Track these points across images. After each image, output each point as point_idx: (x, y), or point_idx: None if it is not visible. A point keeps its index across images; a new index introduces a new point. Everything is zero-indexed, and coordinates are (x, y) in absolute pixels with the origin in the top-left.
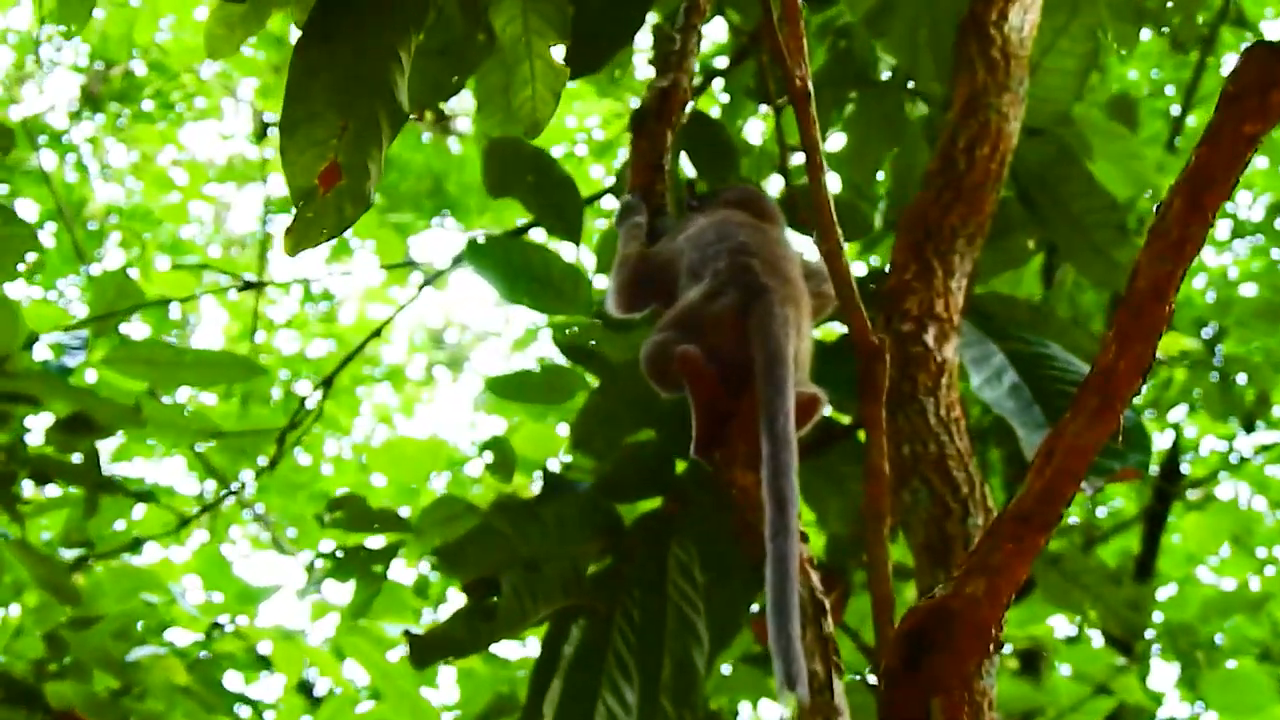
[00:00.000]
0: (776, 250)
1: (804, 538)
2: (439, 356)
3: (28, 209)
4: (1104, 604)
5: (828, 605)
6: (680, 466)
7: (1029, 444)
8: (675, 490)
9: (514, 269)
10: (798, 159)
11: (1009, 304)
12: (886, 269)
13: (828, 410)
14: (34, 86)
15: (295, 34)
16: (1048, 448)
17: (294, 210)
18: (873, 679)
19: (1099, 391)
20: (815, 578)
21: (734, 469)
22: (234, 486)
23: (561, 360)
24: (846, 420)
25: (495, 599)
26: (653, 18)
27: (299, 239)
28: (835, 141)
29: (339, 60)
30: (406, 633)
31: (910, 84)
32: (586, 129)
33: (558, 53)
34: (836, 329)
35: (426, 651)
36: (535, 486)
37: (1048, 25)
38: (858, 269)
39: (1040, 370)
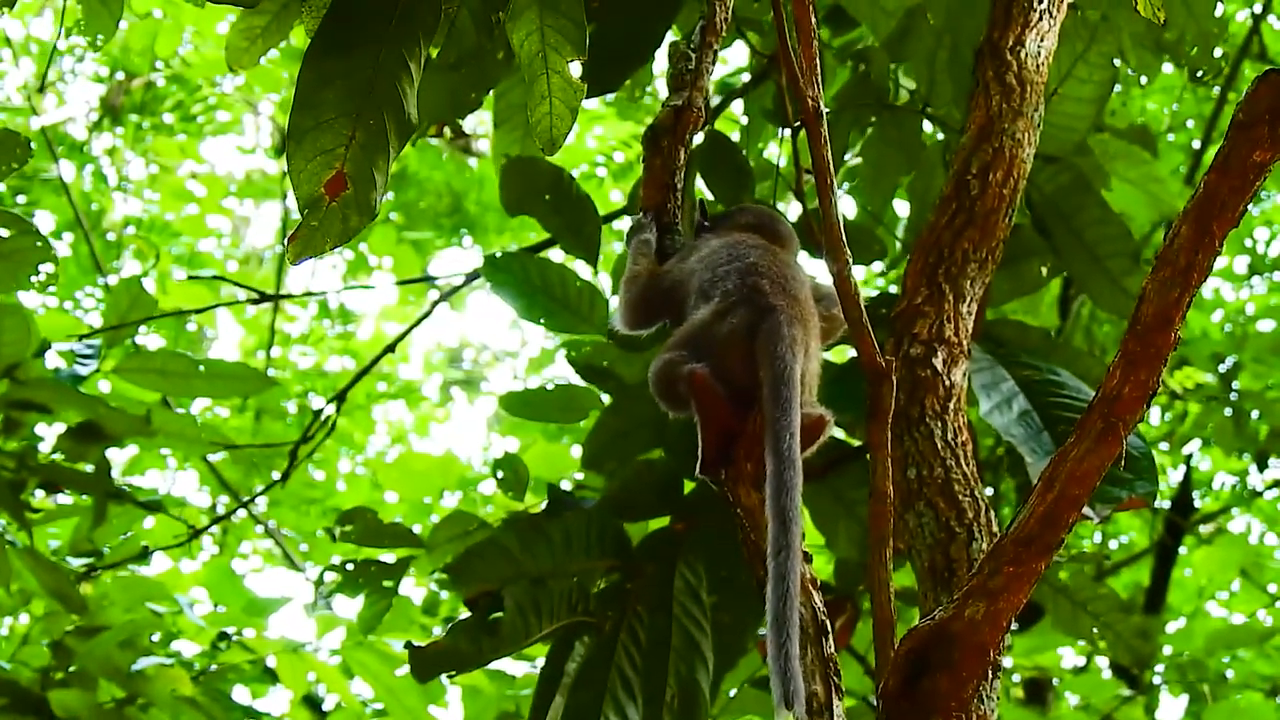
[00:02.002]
0: (787, 272)
1: (808, 558)
2: (455, 376)
3: (46, 219)
4: (1113, 632)
5: (830, 626)
6: (689, 486)
7: (1036, 471)
8: (683, 510)
9: (531, 286)
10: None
11: (1021, 330)
12: (895, 291)
13: (837, 432)
14: (54, 97)
15: None
16: (1050, 472)
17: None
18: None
19: (1103, 416)
20: (818, 598)
21: (739, 488)
22: (246, 500)
23: (576, 381)
24: (857, 443)
25: (499, 614)
26: (671, 36)
27: (303, 247)
28: (857, 164)
29: (349, 70)
30: (409, 645)
31: (928, 108)
32: (609, 150)
33: (575, 69)
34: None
35: (429, 665)
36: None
37: (1065, 52)
38: (870, 293)
39: (1050, 397)
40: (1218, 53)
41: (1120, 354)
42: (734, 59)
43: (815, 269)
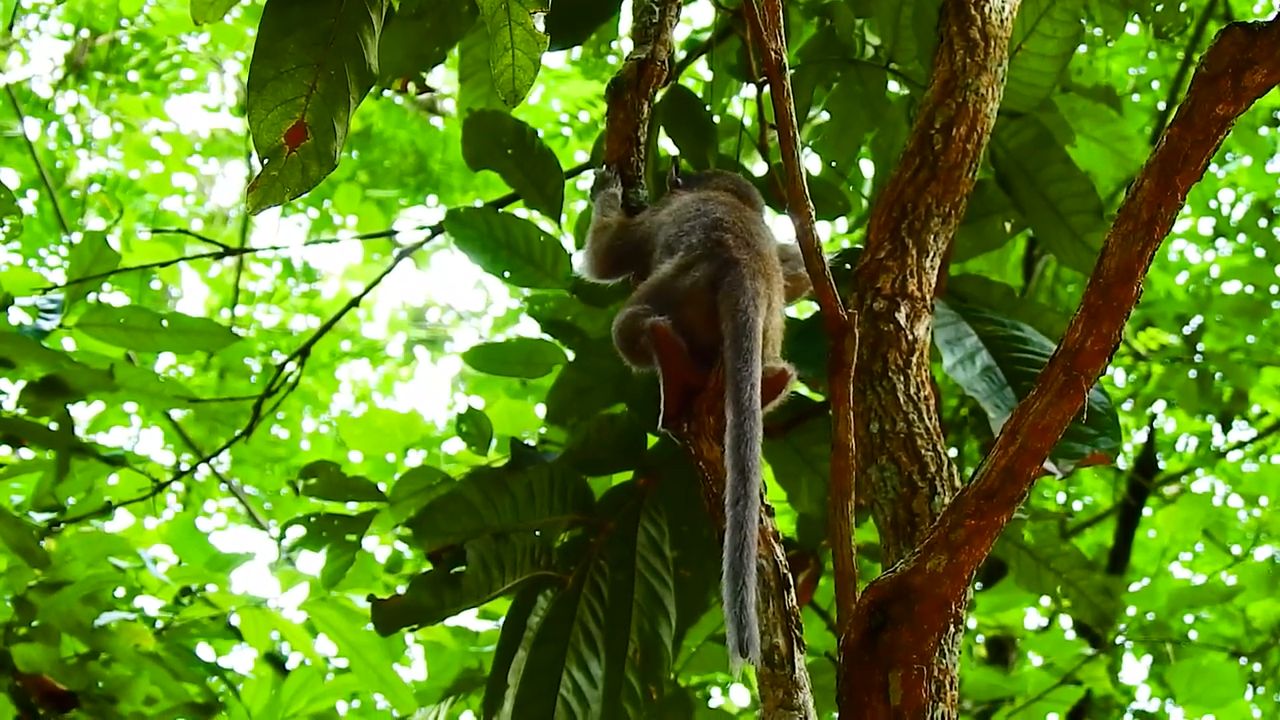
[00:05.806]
0: (752, 228)
1: (770, 511)
2: (419, 335)
3: (10, 177)
4: (1076, 589)
5: (792, 580)
6: (652, 441)
7: (999, 426)
8: (646, 465)
9: (495, 241)
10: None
11: (984, 286)
12: (858, 247)
13: (800, 389)
14: (18, 54)
15: None
16: (1012, 425)
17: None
18: None
19: (1065, 369)
20: (780, 552)
21: (701, 442)
22: (209, 456)
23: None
24: (819, 400)
25: (462, 568)
26: None
27: (263, 196)
28: (822, 122)
29: (310, 19)
30: (371, 598)
31: (892, 64)
32: (574, 109)
33: (538, 21)
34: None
35: (391, 618)
36: None
37: (1030, 8)
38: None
39: (1014, 353)
40: (1182, 8)
41: (1082, 307)
42: (698, 19)
43: (780, 226)
